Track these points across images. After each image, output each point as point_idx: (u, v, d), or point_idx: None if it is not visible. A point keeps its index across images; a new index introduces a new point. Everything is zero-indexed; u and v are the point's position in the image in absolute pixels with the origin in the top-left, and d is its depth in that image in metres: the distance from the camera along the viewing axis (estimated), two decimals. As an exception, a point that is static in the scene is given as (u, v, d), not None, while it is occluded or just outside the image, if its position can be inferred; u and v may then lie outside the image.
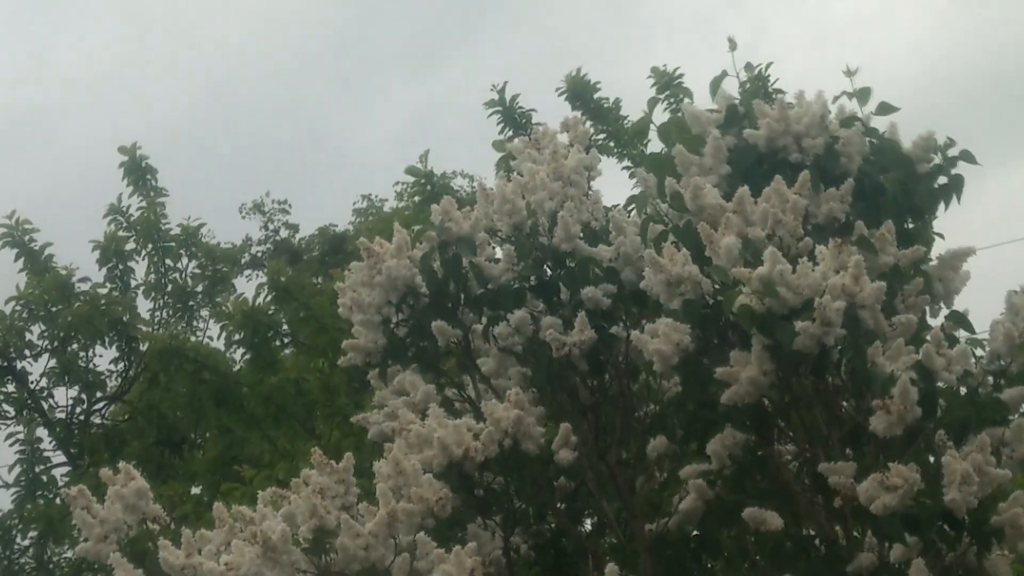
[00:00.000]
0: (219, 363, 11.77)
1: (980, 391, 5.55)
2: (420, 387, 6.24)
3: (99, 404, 13.10)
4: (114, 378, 13.04)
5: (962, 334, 5.99)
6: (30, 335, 12.56)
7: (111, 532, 5.46)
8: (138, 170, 13.20)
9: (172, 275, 13.32)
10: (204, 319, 13.26)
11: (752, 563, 6.04)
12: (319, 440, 10.39)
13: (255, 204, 21.78)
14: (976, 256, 6.10)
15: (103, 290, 12.76)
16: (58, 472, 12.46)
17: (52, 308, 12.43)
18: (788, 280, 5.20)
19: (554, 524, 6.49)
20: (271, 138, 37.04)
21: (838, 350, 5.36)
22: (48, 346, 12.65)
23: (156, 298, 13.26)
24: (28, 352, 12.63)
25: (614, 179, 11.07)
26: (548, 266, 6.45)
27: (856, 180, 5.98)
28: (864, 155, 6.08)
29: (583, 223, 6.40)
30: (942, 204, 6.20)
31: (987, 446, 5.07)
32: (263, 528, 5.09)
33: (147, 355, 12.12)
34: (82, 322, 12.25)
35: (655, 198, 6.33)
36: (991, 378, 5.74)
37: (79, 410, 12.93)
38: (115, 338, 12.57)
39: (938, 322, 5.98)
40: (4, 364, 12.64)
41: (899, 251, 5.81)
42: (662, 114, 9.73)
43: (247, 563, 5.02)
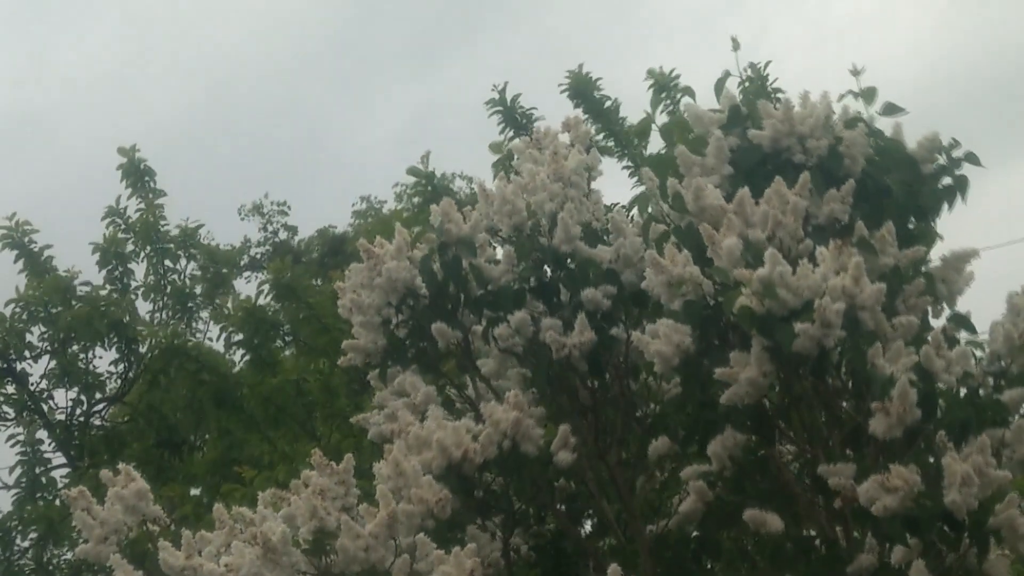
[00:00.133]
0: (219, 364, 11.77)
1: (980, 392, 5.55)
2: (420, 388, 6.23)
3: (99, 406, 13.09)
4: (114, 380, 13.03)
5: (962, 335, 5.98)
6: (30, 337, 12.55)
7: (111, 533, 5.47)
8: (137, 172, 13.20)
9: (171, 277, 13.32)
10: (204, 320, 13.27)
11: (752, 564, 6.04)
12: (319, 442, 10.39)
13: (254, 206, 21.79)
14: (978, 257, 6.10)
15: (103, 292, 12.75)
16: (58, 474, 12.46)
17: (52, 310, 12.41)
18: (788, 281, 5.19)
19: (554, 525, 6.49)
20: (270, 139, 37.11)
21: (838, 351, 5.36)
22: (48, 348, 12.63)
23: (155, 300, 13.27)
24: (28, 354, 12.62)
25: (614, 179, 11.08)
26: (548, 267, 6.45)
27: (859, 181, 5.97)
28: (868, 156, 6.06)
29: (583, 223, 6.39)
30: (945, 205, 6.19)
31: (987, 448, 5.06)
32: (263, 529, 5.08)
33: (149, 353, 12.12)
34: (82, 324, 12.23)
35: (657, 198, 6.32)
36: (991, 379, 5.74)
37: (79, 412, 12.92)
38: (115, 340, 12.56)
39: (941, 323, 5.97)
40: (4, 366, 12.63)
41: (900, 252, 5.80)
42: (659, 115, 9.70)
43: (247, 564, 5.01)
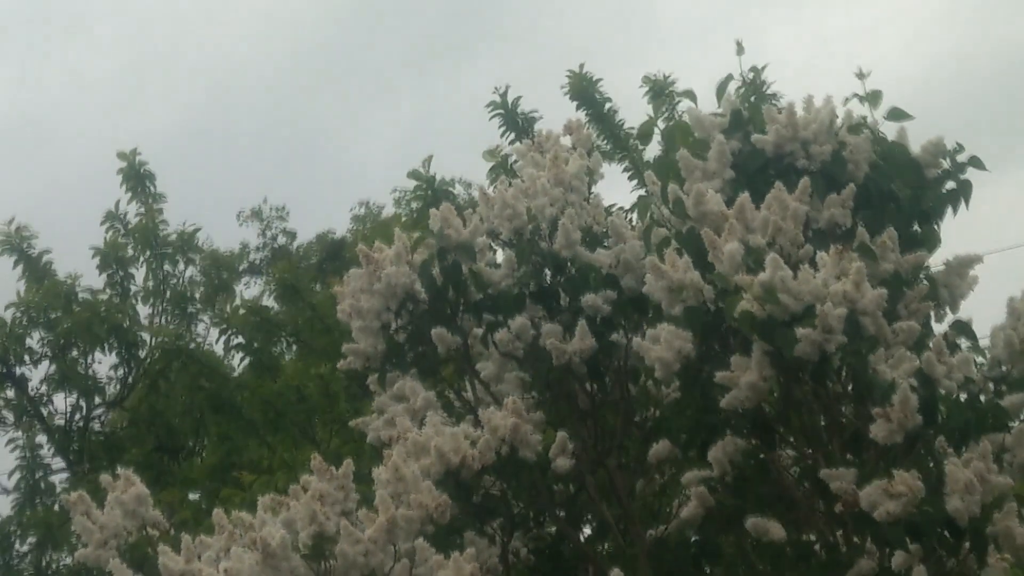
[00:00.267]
0: (218, 366, 11.77)
1: (981, 397, 5.54)
2: (419, 393, 6.23)
3: (98, 410, 13.09)
4: (113, 384, 13.03)
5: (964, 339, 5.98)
6: (30, 341, 12.55)
7: (111, 538, 5.46)
8: (137, 176, 13.20)
9: (171, 281, 13.31)
10: (205, 322, 13.27)
11: (752, 568, 6.03)
12: (319, 447, 10.39)
13: (253, 211, 21.73)
14: (982, 262, 6.09)
15: (103, 296, 12.75)
16: (57, 478, 12.47)
17: (52, 315, 12.41)
18: (790, 286, 5.18)
19: (554, 529, 6.48)
20: (269, 143, 37.02)
21: (838, 356, 5.35)
22: (48, 352, 12.63)
23: (155, 304, 13.26)
24: (28, 358, 12.62)
25: (612, 181, 11.08)
26: (548, 272, 6.44)
27: (863, 186, 5.95)
28: (872, 161, 6.04)
29: (584, 228, 6.39)
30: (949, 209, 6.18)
31: (989, 454, 5.06)
32: (263, 534, 5.07)
33: (148, 356, 12.12)
34: (82, 328, 12.23)
35: (659, 203, 6.31)
36: (992, 384, 5.73)
37: (78, 416, 12.91)
38: (114, 344, 12.56)
39: (943, 327, 5.96)
40: (4, 370, 12.62)
41: (901, 257, 5.79)
42: (657, 120, 9.67)
43: (247, 569, 5.00)
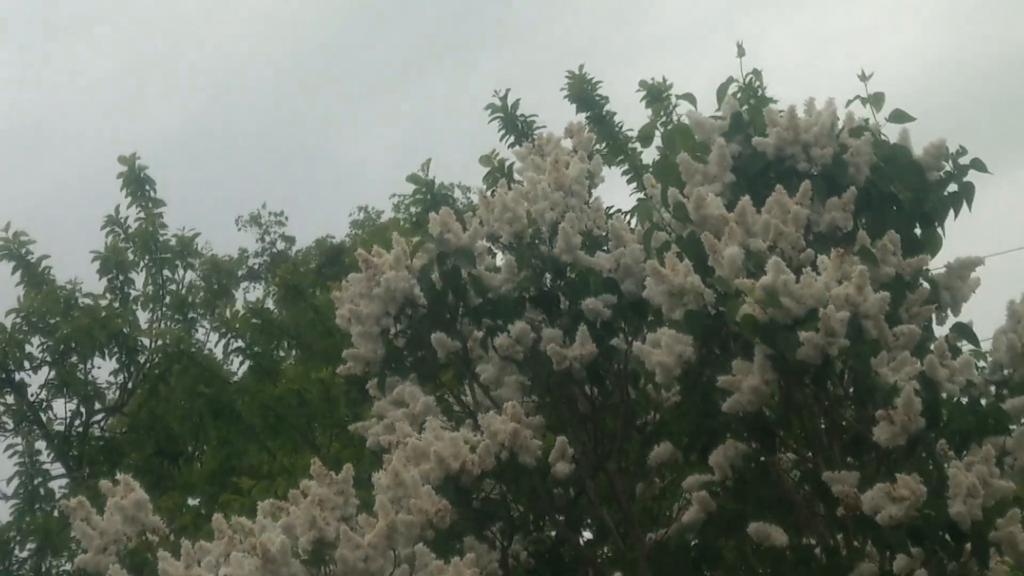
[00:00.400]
0: (218, 370, 11.76)
1: (983, 401, 5.53)
2: (419, 398, 6.22)
3: (98, 416, 13.06)
4: (113, 390, 13.01)
5: (965, 342, 5.97)
6: (29, 347, 12.51)
7: (110, 543, 5.45)
8: (137, 180, 13.16)
9: (170, 286, 13.29)
10: (204, 328, 13.24)
11: (753, 572, 6.02)
12: (318, 451, 10.38)
13: (251, 216, 21.72)
14: (984, 265, 6.08)
15: (103, 301, 12.73)
16: (56, 484, 12.42)
17: (51, 320, 12.39)
18: (791, 290, 5.18)
19: (554, 533, 6.47)
20: (269, 144, 37.04)
21: (840, 360, 5.34)
22: (47, 358, 12.60)
23: (154, 309, 13.24)
24: (27, 364, 12.58)
25: (611, 183, 11.05)
26: (548, 276, 6.43)
27: (864, 189, 5.94)
28: (873, 164, 6.03)
29: (584, 232, 6.37)
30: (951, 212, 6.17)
31: (991, 457, 5.05)
32: (262, 539, 5.06)
33: (148, 361, 12.10)
34: (81, 334, 12.19)
35: (659, 206, 6.30)
36: (994, 388, 5.72)
37: (78, 422, 12.88)
38: (114, 349, 12.54)
39: (945, 330, 5.95)
40: (3, 376, 12.59)
41: (903, 260, 5.78)
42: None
43: (246, 574, 4.99)
